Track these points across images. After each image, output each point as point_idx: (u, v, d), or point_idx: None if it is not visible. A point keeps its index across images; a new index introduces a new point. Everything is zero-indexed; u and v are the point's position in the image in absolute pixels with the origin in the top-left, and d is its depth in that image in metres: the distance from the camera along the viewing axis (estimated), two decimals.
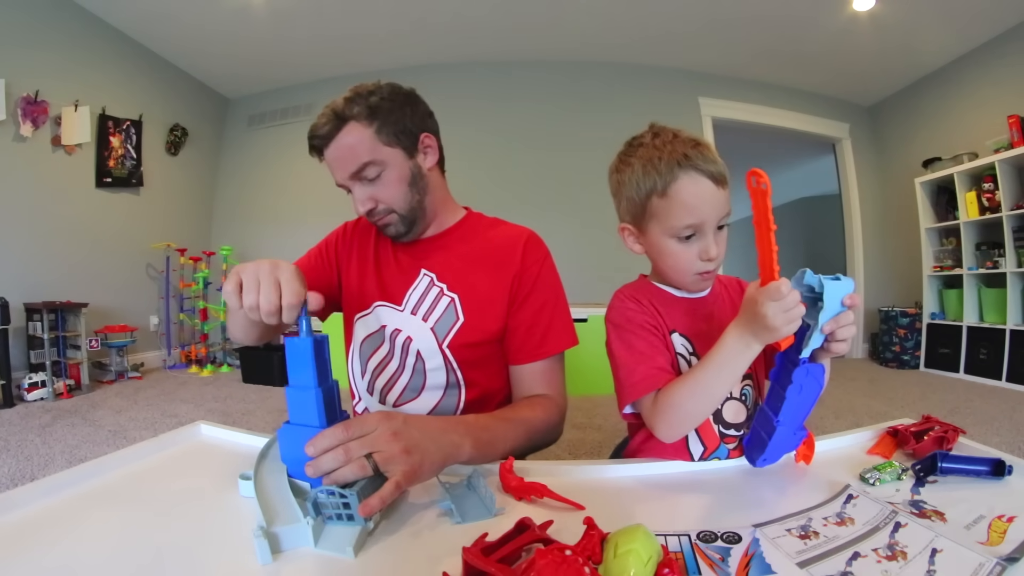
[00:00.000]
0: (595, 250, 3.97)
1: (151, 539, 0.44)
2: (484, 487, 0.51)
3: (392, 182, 0.79)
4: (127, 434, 2.14)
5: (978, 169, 3.36)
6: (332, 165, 0.79)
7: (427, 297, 0.84)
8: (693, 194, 0.62)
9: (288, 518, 0.44)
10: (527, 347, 0.82)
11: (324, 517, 0.45)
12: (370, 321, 0.86)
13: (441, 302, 0.82)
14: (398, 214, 0.82)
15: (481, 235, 0.88)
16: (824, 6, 3.27)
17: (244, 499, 0.50)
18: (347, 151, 0.76)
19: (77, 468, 0.56)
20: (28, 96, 2.94)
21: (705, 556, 0.41)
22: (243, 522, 0.45)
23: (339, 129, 0.76)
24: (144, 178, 3.79)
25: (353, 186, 0.79)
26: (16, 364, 2.72)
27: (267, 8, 3.37)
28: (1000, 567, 0.38)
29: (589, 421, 2.40)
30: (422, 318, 0.82)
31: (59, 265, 3.18)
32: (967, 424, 2.20)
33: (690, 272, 0.66)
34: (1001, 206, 3.19)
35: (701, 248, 0.64)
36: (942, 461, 0.56)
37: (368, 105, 0.76)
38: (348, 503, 0.44)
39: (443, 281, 0.84)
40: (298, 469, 0.49)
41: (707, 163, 0.62)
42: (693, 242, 0.64)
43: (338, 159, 0.78)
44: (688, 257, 0.65)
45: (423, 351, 0.82)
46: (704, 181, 0.62)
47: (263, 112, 4.53)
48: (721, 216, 0.63)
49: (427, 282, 0.84)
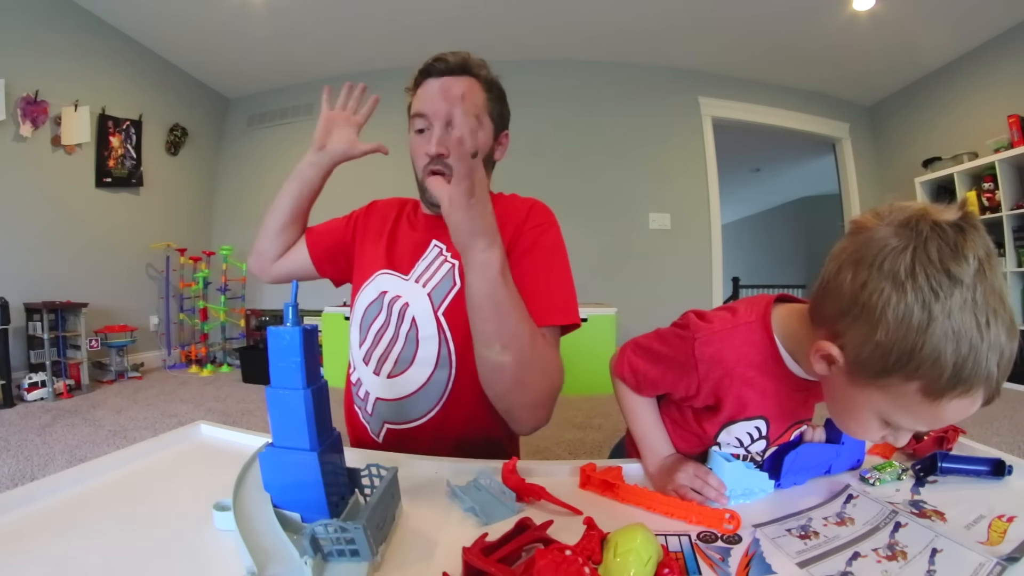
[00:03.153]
0: (595, 250, 3.98)
1: (151, 539, 0.44)
2: (499, 485, 0.51)
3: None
4: (127, 434, 2.14)
5: (978, 169, 3.36)
6: (434, 94, 0.77)
7: (432, 265, 0.82)
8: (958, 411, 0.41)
9: (282, 558, 0.37)
10: None
11: (324, 554, 0.39)
12: (371, 289, 0.85)
13: (442, 268, 0.80)
14: None
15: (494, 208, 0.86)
16: (824, 6, 3.27)
17: (220, 532, 0.44)
18: (461, 92, 0.73)
19: (77, 468, 0.56)
20: (28, 96, 2.94)
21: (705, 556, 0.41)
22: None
23: (461, 74, 0.78)
24: (144, 178, 3.78)
25: (437, 126, 0.77)
26: (16, 364, 2.71)
27: (267, 8, 3.37)
28: (1000, 567, 0.38)
29: (589, 421, 2.40)
30: (422, 284, 0.81)
31: (59, 265, 3.18)
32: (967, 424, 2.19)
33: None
34: (1001, 206, 3.19)
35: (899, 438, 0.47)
36: (942, 461, 0.56)
37: (490, 78, 0.81)
38: (352, 538, 0.38)
39: (451, 251, 0.82)
40: (286, 497, 0.42)
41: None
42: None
43: (447, 93, 0.76)
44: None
45: (418, 317, 0.79)
46: (974, 405, 0.41)
47: (263, 112, 4.53)
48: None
49: (436, 252, 0.83)
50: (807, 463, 0.56)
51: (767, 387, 0.54)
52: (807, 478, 0.56)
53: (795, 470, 0.55)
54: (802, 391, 0.55)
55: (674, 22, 3.58)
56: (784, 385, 0.54)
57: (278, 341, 0.42)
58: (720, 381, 0.54)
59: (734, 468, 0.52)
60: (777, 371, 0.54)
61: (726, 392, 0.55)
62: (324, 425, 0.44)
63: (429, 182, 0.73)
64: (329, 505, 0.42)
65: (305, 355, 0.42)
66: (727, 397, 0.55)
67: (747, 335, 0.54)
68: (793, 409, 0.57)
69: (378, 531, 0.40)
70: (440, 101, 0.76)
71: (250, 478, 0.47)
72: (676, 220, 4.09)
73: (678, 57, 4.05)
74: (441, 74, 0.78)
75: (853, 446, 0.58)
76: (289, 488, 0.42)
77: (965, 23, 3.35)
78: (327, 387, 0.46)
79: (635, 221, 4.10)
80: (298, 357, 0.41)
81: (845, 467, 0.58)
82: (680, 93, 4.21)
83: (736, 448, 0.58)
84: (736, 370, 0.54)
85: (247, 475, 0.48)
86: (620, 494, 0.53)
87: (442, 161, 0.76)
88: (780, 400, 0.55)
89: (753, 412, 0.56)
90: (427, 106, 0.78)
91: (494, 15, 3.54)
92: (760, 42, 3.74)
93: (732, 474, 0.52)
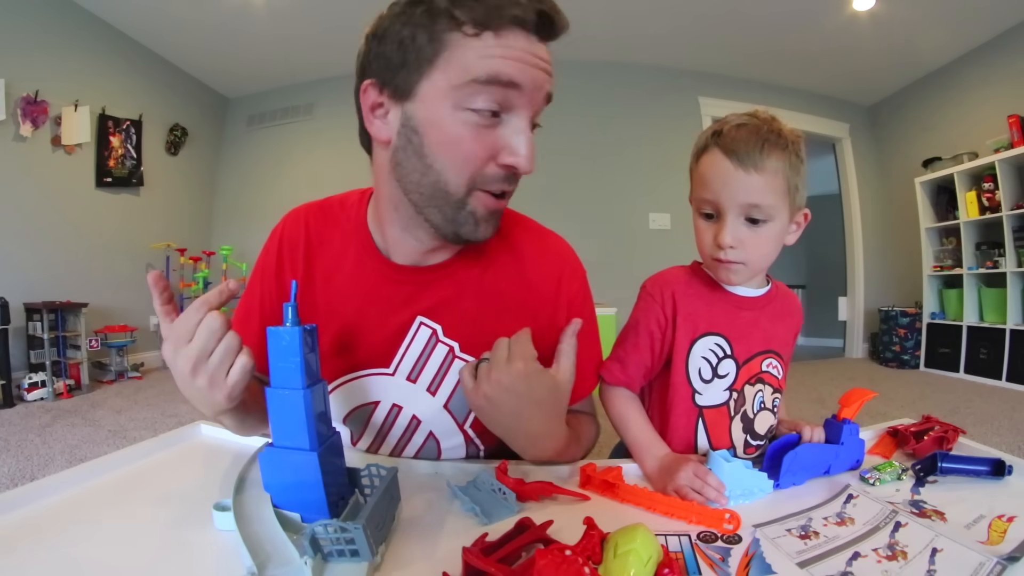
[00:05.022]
0: (595, 250, 3.98)
1: (151, 539, 0.44)
2: (498, 485, 0.51)
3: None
4: (127, 434, 2.14)
5: (978, 169, 3.36)
6: (531, 64, 0.49)
7: (431, 360, 0.61)
8: (711, 169, 0.61)
9: (282, 558, 0.37)
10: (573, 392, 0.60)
11: (324, 554, 0.39)
12: (340, 401, 0.63)
13: (453, 368, 0.61)
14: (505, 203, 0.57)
15: (504, 258, 0.64)
16: (824, 6, 3.27)
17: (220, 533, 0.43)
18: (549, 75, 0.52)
19: (77, 468, 0.56)
20: (28, 96, 2.94)
21: (705, 556, 0.41)
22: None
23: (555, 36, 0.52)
24: (144, 178, 3.78)
25: (525, 121, 0.51)
26: (16, 364, 2.71)
27: (267, 8, 3.37)
28: (1000, 566, 0.38)
29: None
30: (427, 390, 0.61)
31: (59, 265, 3.18)
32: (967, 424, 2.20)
33: (706, 254, 0.65)
34: (1001, 206, 3.19)
35: (716, 230, 0.61)
36: (942, 461, 0.56)
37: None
38: (352, 538, 0.38)
39: (452, 337, 0.61)
40: (286, 497, 0.42)
41: (737, 145, 0.58)
42: (712, 223, 0.63)
43: (546, 78, 0.52)
44: (705, 237, 0.64)
45: (437, 432, 0.63)
46: (724, 161, 0.59)
47: (263, 112, 4.52)
48: (742, 205, 0.59)
49: (427, 336, 0.60)
50: (806, 463, 0.56)
51: (710, 298, 0.67)
52: (806, 478, 0.56)
53: (794, 470, 0.55)
54: (747, 310, 0.67)
55: (674, 22, 3.58)
56: (724, 301, 0.67)
57: (278, 341, 0.41)
58: (671, 300, 0.66)
59: (733, 468, 0.52)
60: (710, 282, 0.67)
61: (678, 309, 0.66)
62: (324, 425, 0.44)
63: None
64: (329, 505, 0.42)
65: (304, 355, 0.42)
66: (680, 314, 0.66)
67: (678, 268, 0.71)
68: (747, 329, 0.66)
69: (378, 531, 0.40)
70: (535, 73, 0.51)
71: (250, 478, 0.47)
72: (676, 220, 4.09)
73: (678, 57, 4.05)
74: (545, 27, 0.51)
75: (852, 446, 0.58)
76: (289, 488, 0.42)
77: (965, 23, 3.35)
78: (326, 387, 0.46)
79: (635, 221, 4.10)
80: (297, 357, 0.41)
81: (845, 467, 0.58)
82: (680, 93, 4.21)
83: (707, 370, 0.65)
84: (678, 288, 0.67)
85: (247, 475, 0.47)
86: (620, 494, 0.53)
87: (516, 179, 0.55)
88: (729, 316, 0.66)
89: (706, 327, 0.65)
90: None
91: None
92: (760, 42, 3.74)
93: (731, 474, 0.52)
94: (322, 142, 4.33)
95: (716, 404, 0.65)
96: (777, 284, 0.72)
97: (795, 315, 0.72)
